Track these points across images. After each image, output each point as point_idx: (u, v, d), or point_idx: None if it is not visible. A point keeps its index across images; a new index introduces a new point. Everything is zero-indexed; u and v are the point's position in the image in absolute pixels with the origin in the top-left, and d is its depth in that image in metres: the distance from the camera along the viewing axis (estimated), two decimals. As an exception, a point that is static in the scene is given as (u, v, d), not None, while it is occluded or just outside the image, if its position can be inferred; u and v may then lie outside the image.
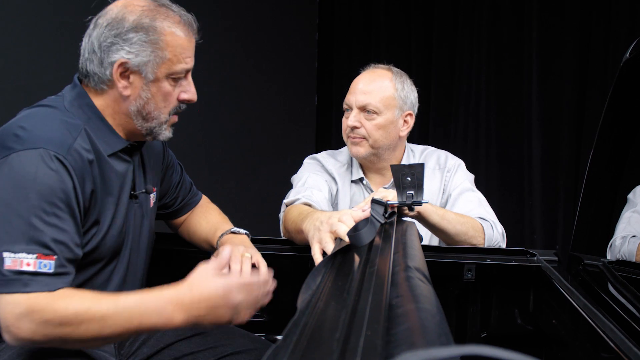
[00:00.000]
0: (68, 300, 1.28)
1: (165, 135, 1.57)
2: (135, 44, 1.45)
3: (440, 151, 2.31)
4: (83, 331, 1.25)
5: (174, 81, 1.51)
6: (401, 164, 2.14)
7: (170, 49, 1.47)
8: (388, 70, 2.18)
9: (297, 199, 2.02)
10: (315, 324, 0.83)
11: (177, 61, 1.49)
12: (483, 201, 2.14)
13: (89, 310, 1.26)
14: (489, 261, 1.79)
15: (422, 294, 0.97)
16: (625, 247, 2.11)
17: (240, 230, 1.80)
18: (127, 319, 1.27)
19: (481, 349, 0.55)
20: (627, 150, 1.87)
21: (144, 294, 1.32)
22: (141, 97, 1.49)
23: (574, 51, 4.11)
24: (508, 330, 1.85)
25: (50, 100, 1.51)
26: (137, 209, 1.61)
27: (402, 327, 0.80)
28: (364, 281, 0.98)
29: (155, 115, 1.52)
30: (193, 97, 1.56)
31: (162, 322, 1.29)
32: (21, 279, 1.26)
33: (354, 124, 2.11)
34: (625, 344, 1.13)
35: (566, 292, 1.50)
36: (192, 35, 1.53)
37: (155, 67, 1.47)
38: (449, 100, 4.57)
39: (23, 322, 1.24)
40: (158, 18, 1.47)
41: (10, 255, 1.27)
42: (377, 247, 1.21)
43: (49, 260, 1.30)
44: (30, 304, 1.25)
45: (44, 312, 1.25)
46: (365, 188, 2.25)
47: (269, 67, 4.49)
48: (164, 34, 1.47)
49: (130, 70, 1.47)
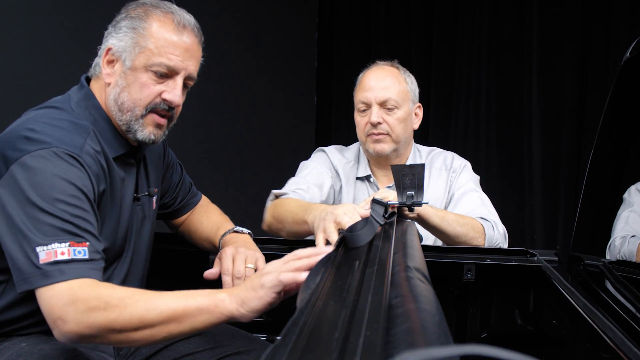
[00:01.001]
0: (112, 288, 1.26)
1: (143, 134, 1.50)
2: (122, 30, 1.47)
3: (447, 152, 2.32)
4: (128, 316, 1.20)
5: (156, 76, 1.47)
6: (402, 164, 2.14)
7: (153, 39, 1.45)
8: (394, 66, 2.22)
9: (286, 193, 2.07)
10: (315, 324, 0.83)
11: (158, 53, 1.45)
12: (486, 201, 2.14)
13: (134, 294, 1.24)
14: (489, 261, 1.79)
15: (422, 294, 0.97)
16: (625, 247, 2.11)
17: (243, 230, 1.78)
18: (172, 300, 1.23)
19: (481, 349, 0.54)
20: (627, 150, 1.87)
21: (205, 296, 1.25)
22: (117, 84, 1.47)
23: (574, 50, 4.11)
24: (508, 330, 1.85)
25: (57, 101, 1.50)
26: (139, 211, 1.60)
27: (401, 327, 0.80)
28: (364, 281, 0.98)
29: (129, 106, 1.48)
30: (174, 98, 1.49)
31: (211, 302, 1.22)
32: (58, 268, 1.24)
33: (378, 120, 2.12)
34: (626, 344, 1.12)
35: (566, 292, 1.49)
36: (187, 37, 1.49)
37: (133, 54, 1.45)
38: (449, 100, 4.57)
39: (68, 313, 1.21)
40: (152, 12, 1.47)
41: (43, 249, 1.25)
42: (377, 247, 1.21)
43: (82, 247, 1.28)
44: (72, 293, 1.22)
45: (88, 299, 1.22)
46: (371, 186, 2.25)
47: (268, 66, 4.49)
48: (150, 25, 1.46)
49: (114, 56, 1.47)
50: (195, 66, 1.54)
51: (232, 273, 1.56)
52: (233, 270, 1.56)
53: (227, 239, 1.75)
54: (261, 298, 1.19)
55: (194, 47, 1.52)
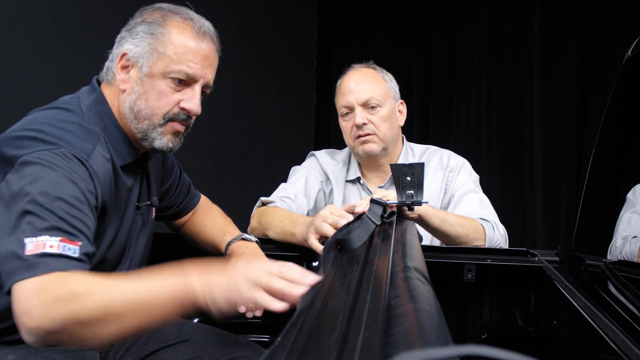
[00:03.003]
0: (84, 276, 1.16)
1: (161, 143, 1.47)
2: (138, 35, 1.43)
3: (443, 151, 2.31)
4: (93, 305, 1.09)
5: (174, 83, 1.44)
6: (401, 163, 2.13)
7: (172, 46, 1.42)
8: (370, 67, 2.24)
9: (273, 201, 2.10)
10: (313, 325, 0.82)
11: (177, 61, 1.42)
12: (486, 202, 2.13)
13: (102, 280, 1.14)
14: (490, 261, 1.78)
15: (421, 294, 0.96)
16: (627, 248, 2.11)
17: (251, 238, 1.76)
18: (140, 286, 1.13)
19: (479, 349, 0.54)
20: (629, 149, 1.86)
21: (172, 278, 1.15)
22: (134, 91, 1.43)
23: (575, 48, 4.10)
24: (509, 331, 1.84)
25: (65, 102, 1.46)
26: (138, 221, 1.58)
27: (400, 327, 0.79)
28: (363, 281, 0.97)
29: (146, 114, 1.44)
30: (192, 107, 1.47)
31: (179, 282, 1.12)
32: (44, 261, 1.13)
33: (362, 120, 2.12)
34: (627, 345, 1.12)
35: (567, 293, 1.49)
36: (206, 44, 1.46)
37: (150, 61, 1.42)
38: (449, 99, 4.56)
39: (33, 306, 1.09)
40: (170, 18, 1.44)
41: (32, 240, 1.15)
42: (376, 247, 1.21)
43: (73, 245, 1.19)
44: (43, 285, 1.11)
45: (55, 290, 1.11)
46: (362, 188, 2.25)
47: (267, 65, 4.48)
48: (169, 31, 1.42)
49: (130, 62, 1.44)
50: (213, 74, 1.52)
51: None
52: None
53: (235, 247, 1.73)
54: (236, 297, 1.11)
55: (212, 55, 1.50)
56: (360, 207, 1.60)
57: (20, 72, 2.76)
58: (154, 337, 1.62)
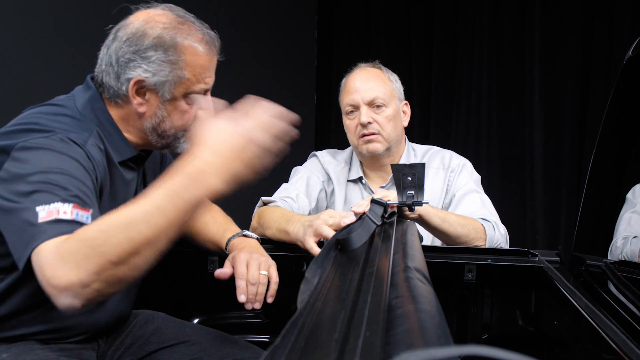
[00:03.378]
0: (87, 226, 1.16)
1: (183, 148, 1.52)
2: (154, 62, 1.42)
3: (445, 151, 2.31)
4: (115, 240, 1.09)
5: (192, 99, 1.48)
6: (402, 163, 2.13)
7: (189, 68, 1.45)
8: (376, 66, 2.24)
9: (274, 200, 2.11)
10: (314, 325, 0.82)
11: (196, 81, 1.46)
12: (487, 202, 2.13)
13: (108, 218, 1.13)
14: (490, 261, 1.77)
15: (422, 294, 0.96)
16: (627, 248, 2.10)
17: (251, 235, 1.77)
18: (144, 200, 1.13)
19: (480, 349, 0.54)
20: (630, 149, 1.85)
21: (166, 181, 1.16)
22: (157, 115, 1.46)
23: (576, 48, 4.10)
24: (509, 331, 1.84)
25: (60, 100, 1.47)
26: None
27: (401, 328, 0.79)
28: (363, 281, 0.97)
29: (171, 133, 1.49)
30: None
31: (201, 190, 1.16)
32: (57, 227, 1.13)
33: (367, 119, 2.12)
34: (628, 345, 1.11)
35: (568, 293, 1.48)
36: (213, 54, 1.50)
37: (172, 87, 1.44)
38: (449, 99, 4.56)
39: (58, 268, 1.08)
40: (179, 35, 1.44)
41: (44, 207, 1.15)
42: (376, 247, 1.20)
43: (85, 212, 1.19)
44: (58, 245, 1.10)
45: (72, 246, 1.10)
46: (364, 187, 2.25)
47: (268, 65, 4.48)
48: (184, 53, 1.44)
49: (146, 87, 1.44)
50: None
51: (246, 278, 1.54)
52: (248, 275, 1.54)
53: (235, 243, 1.73)
54: (243, 157, 1.22)
55: (215, 60, 1.54)
56: (360, 208, 1.60)
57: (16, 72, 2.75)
58: (153, 337, 1.62)
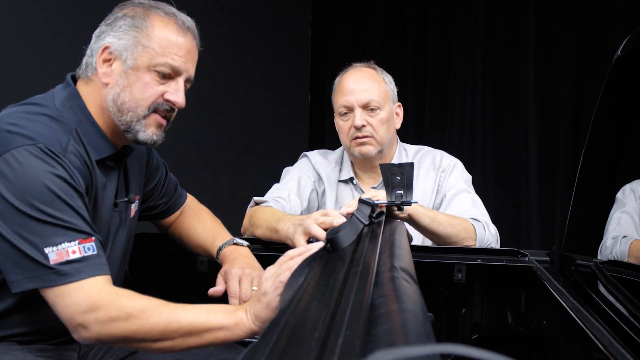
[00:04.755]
0: (134, 297, 1.26)
1: (145, 135, 1.47)
2: (120, 28, 1.44)
3: (436, 151, 2.30)
4: (150, 327, 1.22)
5: (159, 76, 1.45)
6: (391, 163, 2.13)
7: (156, 39, 1.43)
8: (371, 67, 2.22)
9: (266, 201, 2.10)
10: (296, 324, 0.82)
11: (162, 54, 1.43)
12: (478, 202, 2.13)
13: (157, 306, 1.25)
14: (480, 261, 1.77)
15: (406, 294, 0.95)
16: (617, 248, 2.11)
17: (242, 242, 1.76)
18: (195, 314, 1.24)
19: (454, 348, 0.53)
20: (620, 148, 1.85)
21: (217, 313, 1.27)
22: (118, 84, 1.44)
23: (571, 48, 4.11)
24: (499, 331, 1.84)
25: (39, 99, 1.46)
26: (116, 218, 1.56)
27: (383, 327, 0.79)
28: (347, 281, 0.97)
29: (130, 106, 1.44)
30: (178, 100, 1.48)
31: (231, 320, 1.24)
32: (73, 267, 1.24)
33: (362, 122, 2.11)
34: (613, 346, 1.11)
35: (556, 293, 1.48)
36: (189, 39, 1.48)
37: (135, 53, 1.42)
38: (444, 99, 4.57)
39: (89, 321, 1.23)
40: (154, 13, 1.45)
41: (53, 249, 1.24)
42: (362, 247, 1.20)
43: (89, 242, 1.28)
44: (92, 300, 1.23)
45: (110, 308, 1.23)
46: (355, 188, 2.25)
47: (261, 64, 4.48)
48: (152, 25, 1.43)
49: (112, 55, 1.44)
50: (194, 68, 1.53)
51: (239, 296, 1.55)
52: (240, 293, 1.55)
53: (226, 253, 1.72)
54: (268, 305, 1.19)
55: (194, 50, 1.51)
56: (350, 208, 1.60)
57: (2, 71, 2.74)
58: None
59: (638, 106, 1.67)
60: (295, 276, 1.09)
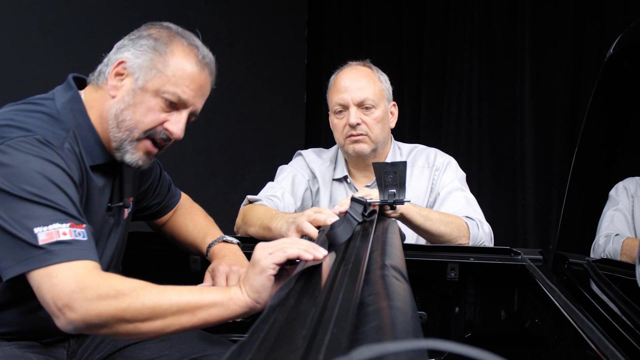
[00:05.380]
0: (122, 277, 1.22)
1: (132, 158, 1.46)
2: (141, 47, 1.43)
3: (430, 149, 2.30)
4: (140, 305, 1.17)
5: (165, 104, 1.44)
6: (384, 161, 2.13)
7: (172, 67, 1.42)
8: (367, 65, 2.21)
9: (259, 199, 2.10)
10: (284, 322, 0.83)
11: (174, 83, 1.42)
12: (471, 200, 2.13)
13: (147, 285, 1.20)
14: (473, 260, 1.78)
15: (396, 292, 0.96)
16: (610, 246, 2.11)
17: (232, 240, 1.75)
18: (186, 292, 1.20)
19: (435, 344, 0.53)
20: (614, 147, 1.85)
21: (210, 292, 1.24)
22: (124, 100, 1.43)
23: (567, 47, 4.11)
24: (493, 330, 1.84)
25: (39, 98, 1.46)
26: (110, 221, 1.56)
27: (371, 324, 0.80)
28: (337, 279, 0.97)
29: (129, 125, 1.43)
30: (176, 131, 1.47)
31: (224, 296, 1.19)
32: (62, 248, 1.20)
33: (357, 121, 2.11)
34: (604, 343, 1.12)
35: (548, 291, 1.48)
36: (204, 74, 1.48)
37: (148, 75, 1.41)
38: (440, 98, 4.57)
39: (76, 300, 1.16)
40: (177, 40, 1.45)
41: (43, 229, 1.20)
42: (354, 245, 1.21)
43: (80, 229, 1.24)
44: (80, 279, 1.18)
45: (98, 286, 1.18)
46: (349, 186, 2.25)
47: (258, 63, 4.48)
48: (173, 52, 1.43)
49: (126, 71, 1.43)
50: (202, 104, 1.53)
51: None
52: None
53: (216, 250, 1.72)
54: (262, 271, 1.15)
55: (207, 86, 1.51)
56: (343, 207, 1.60)
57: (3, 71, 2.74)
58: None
59: (631, 104, 1.67)
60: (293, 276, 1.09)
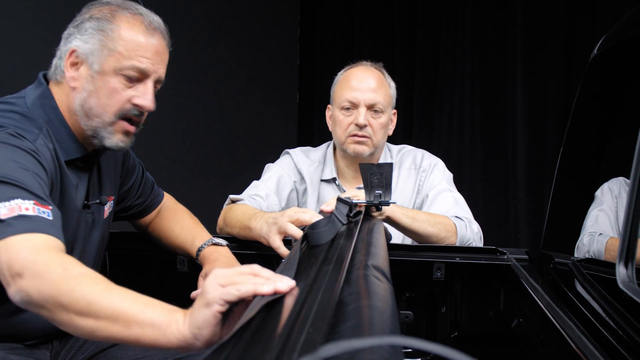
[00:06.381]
0: (78, 262, 1.13)
1: (112, 142, 1.45)
2: (87, 31, 1.41)
3: (417, 150, 2.30)
4: (79, 294, 1.06)
5: (127, 80, 1.41)
6: (370, 163, 2.13)
7: (122, 42, 1.40)
8: (379, 69, 2.20)
9: (242, 199, 2.08)
10: (263, 322, 0.83)
11: (128, 57, 1.40)
12: (460, 200, 2.13)
13: (95, 277, 1.10)
14: (459, 260, 1.78)
15: (376, 291, 0.96)
16: (594, 246, 2.12)
17: (221, 242, 1.74)
18: (128, 300, 1.06)
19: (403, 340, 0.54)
20: (600, 147, 1.85)
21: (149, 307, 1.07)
22: (85, 88, 1.41)
23: (559, 47, 4.13)
24: (479, 329, 1.85)
25: (9, 98, 1.44)
26: (88, 219, 1.54)
27: (348, 324, 0.80)
28: (317, 279, 0.97)
29: (97, 112, 1.42)
30: (147, 103, 1.44)
31: (165, 319, 1.03)
32: (22, 222, 1.14)
33: (365, 122, 2.10)
34: (583, 343, 1.12)
35: (532, 291, 1.49)
36: (156, 39, 1.44)
37: (101, 57, 1.40)
38: (432, 99, 4.57)
39: (26, 269, 1.09)
40: (119, 14, 1.42)
41: (5, 204, 1.15)
42: (337, 246, 1.21)
43: (45, 209, 1.19)
44: (35, 249, 1.12)
45: (50, 262, 1.10)
46: (337, 188, 2.24)
47: (250, 63, 4.47)
48: (118, 27, 1.40)
49: (79, 59, 1.42)
50: (164, 69, 1.50)
51: None
52: None
53: (207, 254, 1.70)
54: (208, 304, 0.97)
55: (163, 50, 1.48)
56: (329, 207, 1.59)
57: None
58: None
59: (615, 105, 1.68)
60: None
